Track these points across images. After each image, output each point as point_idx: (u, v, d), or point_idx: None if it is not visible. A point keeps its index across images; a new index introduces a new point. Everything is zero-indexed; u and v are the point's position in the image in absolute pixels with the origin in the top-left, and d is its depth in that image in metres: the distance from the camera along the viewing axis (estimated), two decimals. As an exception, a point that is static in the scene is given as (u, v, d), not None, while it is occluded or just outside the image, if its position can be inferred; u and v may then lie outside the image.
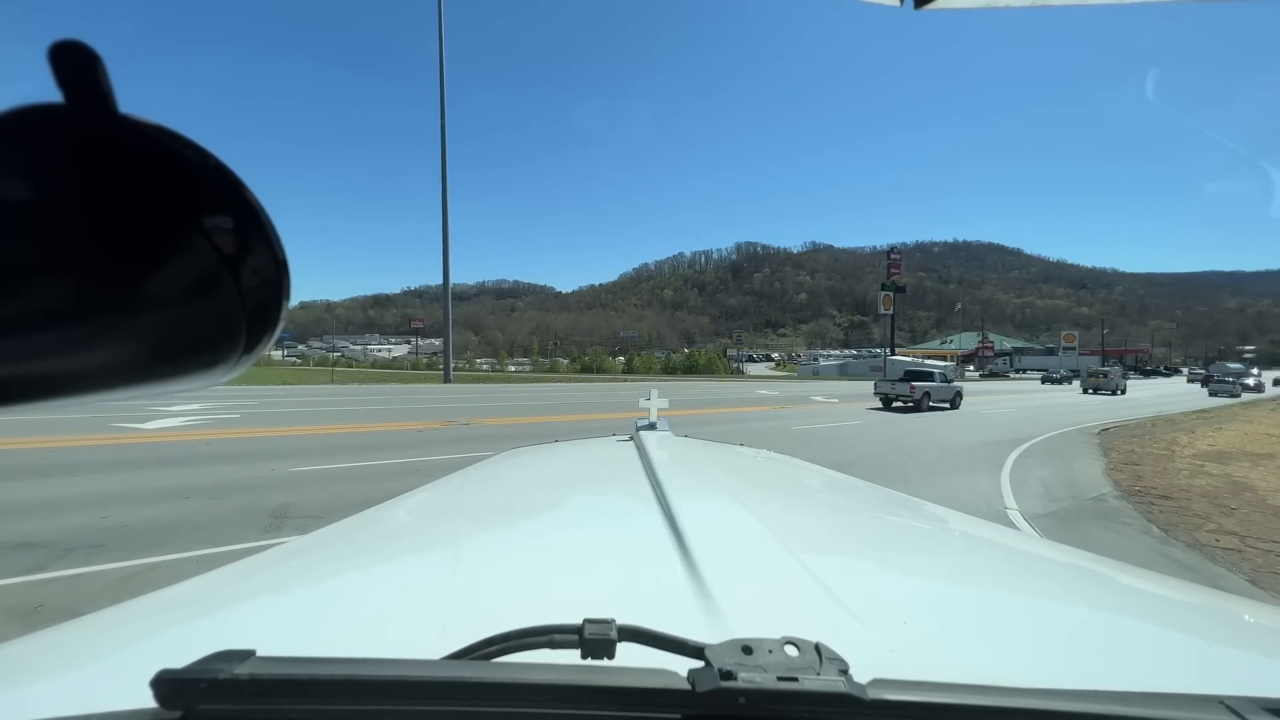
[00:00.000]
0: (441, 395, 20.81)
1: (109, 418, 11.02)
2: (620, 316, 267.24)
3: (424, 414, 14.07)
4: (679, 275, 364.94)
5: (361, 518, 1.26)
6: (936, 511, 1.40)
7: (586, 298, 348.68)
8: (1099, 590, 0.94)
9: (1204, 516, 5.97)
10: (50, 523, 4.70)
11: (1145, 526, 5.68)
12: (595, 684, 0.40)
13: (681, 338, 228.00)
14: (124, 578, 3.66)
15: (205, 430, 10.24)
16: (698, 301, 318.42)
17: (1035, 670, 0.62)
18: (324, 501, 5.55)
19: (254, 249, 0.26)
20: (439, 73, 30.67)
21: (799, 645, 0.43)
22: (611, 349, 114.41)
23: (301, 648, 0.47)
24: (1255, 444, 11.96)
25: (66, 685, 0.59)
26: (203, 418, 11.81)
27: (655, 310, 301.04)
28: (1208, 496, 6.89)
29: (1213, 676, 0.63)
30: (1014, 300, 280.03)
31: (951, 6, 1.19)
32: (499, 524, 1.19)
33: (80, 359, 0.23)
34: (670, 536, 0.89)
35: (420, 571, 0.90)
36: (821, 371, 75.63)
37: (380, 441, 9.57)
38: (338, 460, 7.68)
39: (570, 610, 0.50)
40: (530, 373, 56.21)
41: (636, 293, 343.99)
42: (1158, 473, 8.50)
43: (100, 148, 0.22)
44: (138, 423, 10.69)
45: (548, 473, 1.71)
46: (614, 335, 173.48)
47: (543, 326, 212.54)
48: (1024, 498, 6.71)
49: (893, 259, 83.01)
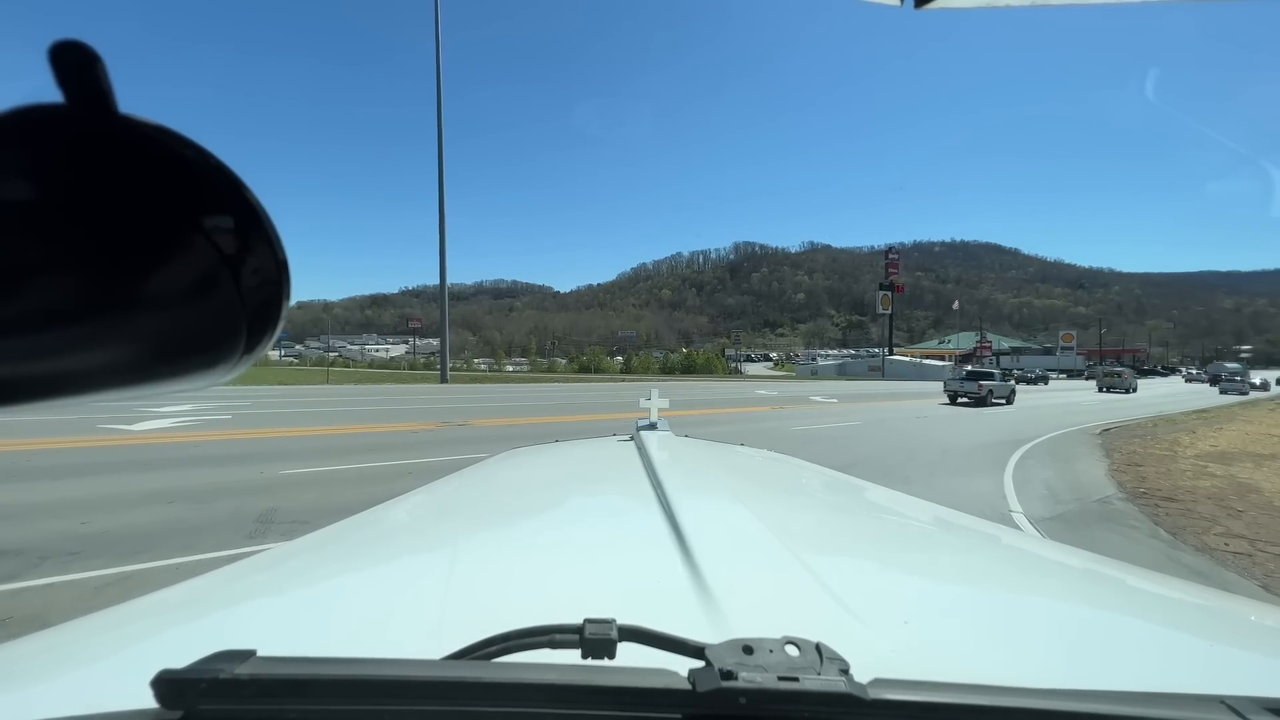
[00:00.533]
0: (438, 396, 20.61)
1: (96, 419, 10.85)
2: (618, 316, 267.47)
3: (419, 415, 13.91)
4: (677, 275, 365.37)
5: (361, 518, 1.25)
6: (937, 511, 1.39)
7: (584, 297, 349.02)
8: (1100, 590, 0.94)
9: (1211, 519, 5.86)
10: (28, 529, 4.56)
11: (1153, 530, 5.57)
12: (596, 684, 0.40)
13: (680, 337, 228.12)
14: (100, 587, 3.52)
15: (195, 432, 10.07)
16: (696, 301, 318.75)
17: (1036, 670, 0.61)
18: (312, 505, 5.41)
19: (254, 249, 0.26)
20: (435, 72, 30.51)
21: (800, 645, 0.43)
22: (609, 349, 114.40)
23: (302, 648, 0.46)
24: (1257, 444, 11.90)
25: (67, 685, 0.60)
26: (193, 419, 11.63)
27: (653, 310, 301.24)
28: (1213, 498, 6.79)
29: (1214, 676, 0.63)
30: (1011, 300, 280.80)
31: (952, 6, 1.19)
32: (499, 524, 1.19)
33: (81, 359, 0.23)
34: (671, 536, 0.89)
35: (421, 572, 0.90)
36: (820, 371, 75.57)
37: (373, 443, 9.41)
38: (328, 463, 7.53)
39: (571, 610, 0.50)
40: (528, 373, 56.06)
41: (634, 292, 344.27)
42: (1161, 474, 8.41)
43: (100, 148, 0.22)
44: (125, 424, 10.52)
45: (548, 473, 1.71)
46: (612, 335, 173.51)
47: (540, 326, 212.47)
48: (1028, 500, 6.60)
49: (891, 259, 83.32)
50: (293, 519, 4.96)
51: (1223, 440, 12.57)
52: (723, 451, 2.00)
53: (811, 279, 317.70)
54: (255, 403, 15.52)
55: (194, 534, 4.54)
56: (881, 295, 75.39)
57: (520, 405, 17.24)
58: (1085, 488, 7.38)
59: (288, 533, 4.55)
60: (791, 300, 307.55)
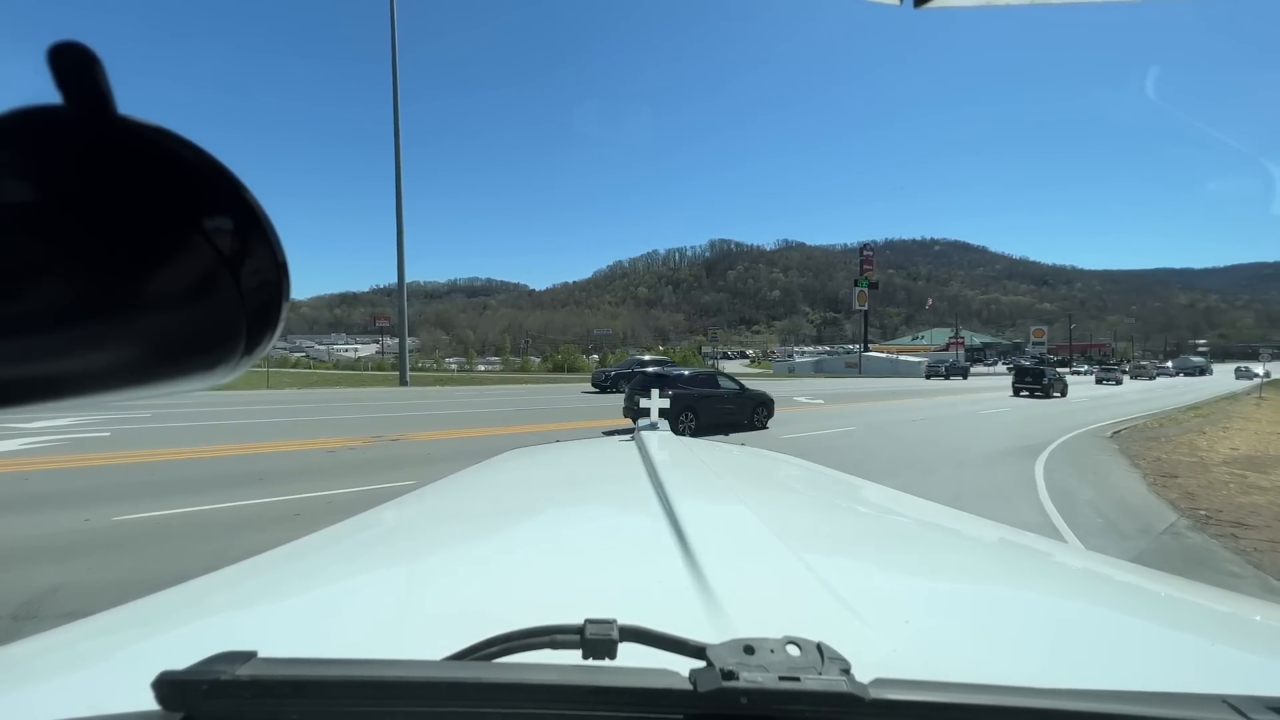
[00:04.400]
0: (388, 402, 18.47)
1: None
2: (594, 314, 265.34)
3: (352, 426, 11.93)
4: (653, 272, 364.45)
5: (362, 519, 1.24)
6: (938, 510, 1.39)
7: (560, 295, 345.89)
8: (1102, 589, 0.94)
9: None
10: None
11: (1261, 578, 4.32)
12: (597, 684, 0.39)
13: (656, 335, 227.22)
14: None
15: (49, 456, 8.06)
16: (672, 299, 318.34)
17: (1038, 669, 0.62)
18: (118, 581, 3.74)
19: (254, 250, 0.26)
20: (391, 66, 28.49)
21: (801, 645, 0.43)
22: (585, 347, 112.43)
23: (303, 649, 0.46)
24: (1277, 445, 11.23)
25: (68, 686, 0.60)
26: (62, 438, 9.48)
27: (630, 308, 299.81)
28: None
29: (1216, 675, 0.63)
30: (979, 297, 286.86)
31: (951, 5, 1.17)
32: (500, 524, 1.19)
33: (82, 360, 0.23)
34: (672, 536, 0.89)
35: (422, 572, 0.90)
36: (796, 369, 74.85)
37: (270, 468, 7.52)
38: (190, 500, 5.74)
39: (572, 610, 0.50)
40: (500, 372, 53.93)
41: (611, 290, 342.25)
42: (1204, 488, 7.41)
43: (100, 149, 0.22)
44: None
45: (549, 473, 1.71)
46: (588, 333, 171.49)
47: (515, 324, 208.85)
48: (1086, 532, 5.34)
49: (865, 255, 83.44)
50: (68, 611, 3.30)
51: (1239, 442, 11.87)
52: (723, 451, 1.98)
53: (786, 276, 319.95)
54: (157, 415, 12.96)
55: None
56: (858, 291, 75.31)
57: (478, 413, 15.37)
58: (1139, 511, 6.17)
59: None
60: (767, 297, 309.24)
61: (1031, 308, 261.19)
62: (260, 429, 11.35)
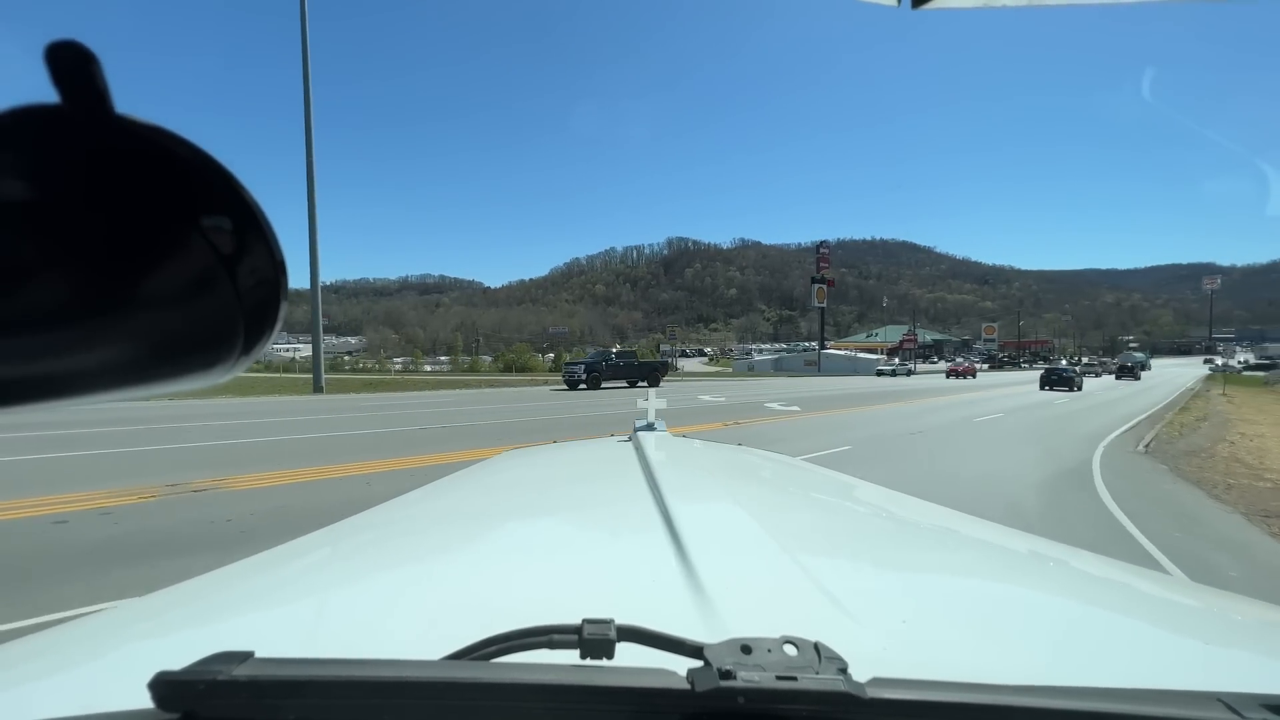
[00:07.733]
0: (266, 420, 13.54)
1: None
2: (551, 312, 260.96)
3: (168, 462, 7.92)
4: (611, 270, 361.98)
5: (359, 519, 1.24)
6: (934, 510, 1.39)
7: (516, 293, 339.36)
8: (1097, 588, 0.95)
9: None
10: None
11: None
12: (594, 684, 0.40)
13: (614, 333, 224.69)
14: None
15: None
16: (630, 297, 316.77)
17: (1034, 668, 0.62)
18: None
19: (251, 248, 0.26)
20: (302, 52, 24.82)
21: (798, 644, 0.44)
22: (540, 346, 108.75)
23: (300, 649, 0.47)
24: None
25: (65, 686, 0.60)
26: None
27: (587, 306, 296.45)
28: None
29: (1211, 674, 0.63)
30: (927, 295, 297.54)
31: (950, 6, 1.19)
32: (497, 524, 1.20)
33: (78, 359, 0.23)
34: (668, 536, 0.90)
35: (419, 572, 0.90)
36: (756, 367, 73.95)
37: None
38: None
39: (569, 610, 0.50)
40: (445, 375, 50.14)
41: (568, 288, 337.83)
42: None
43: (97, 148, 0.22)
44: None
45: (546, 473, 1.72)
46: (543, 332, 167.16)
47: (468, 323, 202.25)
48: None
49: (821, 253, 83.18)
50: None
51: (1272, 447, 10.61)
52: (720, 452, 2.00)
53: (743, 274, 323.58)
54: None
55: None
56: (816, 289, 74.81)
57: (385, 434, 12.02)
58: (1259, 564, 4.09)
59: None
60: (724, 295, 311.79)
61: (975, 305, 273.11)
62: (22, 473, 7.43)
